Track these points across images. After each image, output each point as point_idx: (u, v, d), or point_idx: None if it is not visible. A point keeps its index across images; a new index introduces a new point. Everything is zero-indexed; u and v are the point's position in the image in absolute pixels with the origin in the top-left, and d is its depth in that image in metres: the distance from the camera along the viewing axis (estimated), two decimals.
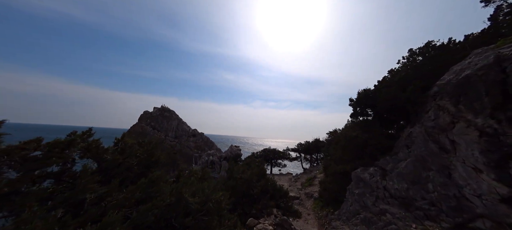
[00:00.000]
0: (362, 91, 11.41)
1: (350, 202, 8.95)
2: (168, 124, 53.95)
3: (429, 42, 8.41)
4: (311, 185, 18.74)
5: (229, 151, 39.58)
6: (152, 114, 53.11)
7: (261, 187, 9.01)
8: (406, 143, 8.08)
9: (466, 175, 5.60)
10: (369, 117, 12.44)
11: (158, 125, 52.29)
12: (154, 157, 5.24)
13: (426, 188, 6.49)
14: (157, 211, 3.91)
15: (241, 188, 8.98)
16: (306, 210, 13.69)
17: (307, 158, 34.73)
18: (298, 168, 36.40)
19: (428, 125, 6.72)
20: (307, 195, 16.67)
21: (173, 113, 55.57)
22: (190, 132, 57.87)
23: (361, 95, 11.67)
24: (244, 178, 9.36)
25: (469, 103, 5.44)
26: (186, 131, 56.92)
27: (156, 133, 51.89)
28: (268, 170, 33.58)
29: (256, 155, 34.70)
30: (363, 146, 10.24)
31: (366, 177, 8.56)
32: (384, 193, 7.77)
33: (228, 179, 9.88)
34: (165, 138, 52.39)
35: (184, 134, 56.20)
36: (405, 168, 7.28)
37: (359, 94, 11.76)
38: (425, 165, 6.67)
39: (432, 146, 6.55)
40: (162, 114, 53.41)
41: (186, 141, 54.98)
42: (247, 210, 8.60)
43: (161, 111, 53.82)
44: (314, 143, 33.08)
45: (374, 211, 7.60)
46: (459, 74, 5.64)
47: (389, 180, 7.82)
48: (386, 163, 8.49)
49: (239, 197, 9.14)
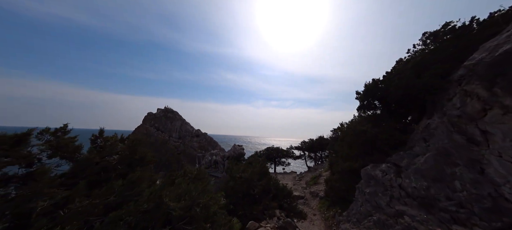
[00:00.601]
0: (370, 82, 10.42)
1: (360, 202, 8.03)
2: (171, 125, 53.78)
3: (447, 24, 7.40)
4: (316, 183, 17.80)
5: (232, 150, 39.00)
6: (155, 116, 53.06)
7: (262, 187, 8.19)
8: (423, 136, 7.10)
9: (505, 170, 4.64)
10: (378, 111, 11.44)
11: (162, 126, 52.18)
12: (138, 154, 4.51)
13: (452, 186, 5.53)
14: (132, 219, 3.10)
15: (241, 188, 8.19)
16: (311, 210, 12.79)
17: (311, 156, 33.70)
18: (302, 167, 35.44)
19: (453, 114, 5.75)
20: (312, 194, 15.75)
21: (176, 114, 55.39)
22: (194, 132, 57.58)
23: (370, 86, 10.68)
24: (244, 178, 8.57)
25: (508, 85, 4.48)
26: (189, 131, 56.66)
27: (160, 134, 51.81)
28: (272, 169, 32.76)
29: (259, 154, 33.93)
30: (372, 141, 9.28)
31: (378, 175, 7.62)
32: (399, 192, 6.82)
33: (229, 179, 9.11)
34: (169, 138, 52.23)
35: (187, 134, 55.95)
36: (425, 164, 6.32)
37: (367, 86, 10.78)
38: (449, 159, 5.71)
39: (457, 138, 5.58)
40: (165, 115, 53.30)
41: (189, 142, 54.71)
42: (247, 212, 7.80)
43: (165, 112, 53.70)
44: (318, 141, 32.03)
45: (389, 212, 6.66)
46: (495, 50, 4.68)
47: (405, 177, 6.87)
48: (400, 159, 7.53)
49: (239, 198, 8.35)
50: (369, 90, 10.44)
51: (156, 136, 50.32)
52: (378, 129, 9.38)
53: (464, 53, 6.13)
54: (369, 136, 9.32)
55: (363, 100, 11.39)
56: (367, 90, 10.62)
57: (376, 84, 10.09)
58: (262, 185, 8.25)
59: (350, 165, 9.49)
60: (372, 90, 10.33)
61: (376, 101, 11.11)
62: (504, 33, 4.84)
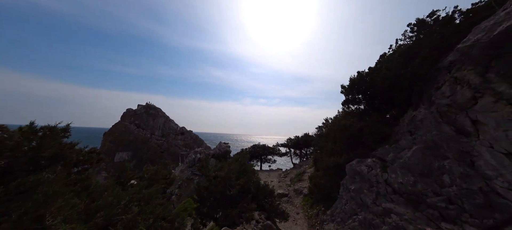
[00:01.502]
0: (355, 75, 9.96)
1: (345, 200, 7.46)
2: (154, 122, 50.48)
3: (434, 12, 7.06)
4: (301, 180, 17.32)
5: (217, 148, 37.52)
6: (136, 112, 49.34)
7: (240, 187, 7.20)
8: (409, 128, 6.68)
9: (497, 162, 4.21)
10: (362, 106, 11.09)
11: (143, 123, 48.70)
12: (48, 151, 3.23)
13: (441, 181, 5.07)
14: None
15: (216, 189, 7.13)
16: (295, 209, 12.13)
17: (296, 153, 33.59)
18: (288, 164, 35.27)
19: (442, 103, 5.28)
20: (296, 192, 15.18)
21: (159, 110, 52.11)
22: (178, 130, 54.75)
23: (355, 80, 10.22)
24: (220, 177, 7.51)
25: (503, 69, 4.01)
26: (173, 129, 53.74)
27: (141, 131, 48.32)
28: (258, 166, 32.03)
29: (245, 151, 32.97)
30: (357, 135, 8.79)
31: (363, 170, 7.09)
32: (386, 188, 6.31)
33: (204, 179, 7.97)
34: (151, 136, 48.96)
35: (171, 132, 53.00)
36: (411, 158, 5.85)
37: (353, 79, 10.31)
38: (438, 152, 5.25)
39: (446, 129, 5.13)
40: (147, 111, 49.82)
41: (173, 140, 51.87)
42: (222, 216, 6.78)
43: (146, 109, 50.19)
44: (304, 138, 31.96)
45: (375, 211, 6.11)
46: (492, 30, 4.20)
47: (391, 172, 6.38)
48: (386, 153, 7.07)
49: (214, 200, 7.28)
50: (355, 84, 9.98)
51: (136, 133, 46.81)
52: (363, 123, 8.92)
53: (453, 40, 5.73)
54: (354, 130, 8.82)
55: (348, 94, 10.93)
56: (352, 83, 10.15)
57: (361, 77, 9.64)
58: (240, 184, 7.26)
59: (334, 161, 8.93)
60: (357, 83, 9.87)
61: (360, 95, 10.72)
62: (501, 11, 4.43)
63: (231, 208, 6.98)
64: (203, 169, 7.63)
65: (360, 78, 9.64)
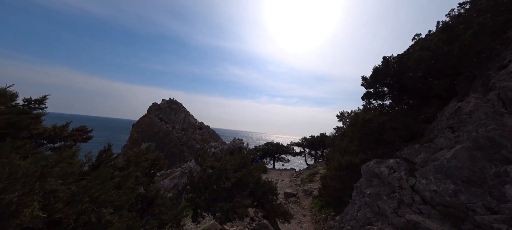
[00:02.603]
0: (380, 63, 8.30)
1: (358, 206, 6.14)
2: (175, 116, 53.29)
3: None
4: (312, 181, 15.87)
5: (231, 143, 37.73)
6: (160, 106, 52.76)
7: (236, 180, 6.47)
8: (451, 123, 5.07)
9: None
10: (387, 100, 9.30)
11: (165, 117, 51.80)
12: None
13: (497, 192, 3.55)
14: None
15: (209, 181, 6.53)
16: (302, 210, 10.96)
17: (311, 153, 31.61)
18: (303, 164, 33.50)
19: (507, 86, 3.71)
20: (305, 192, 13.88)
21: (180, 105, 54.85)
22: (197, 124, 56.87)
23: (379, 68, 8.56)
24: (216, 168, 6.90)
25: None
26: (192, 123, 56.01)
27: (163, 124, 51.47)
28: (270, 164, 31.07)
29: (258, 148, 32.30)
30: (378, 131, 7.27)
31: (383, 172, 5.68)
32: (412, 197, 4.88)
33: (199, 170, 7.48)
34: (173, 129, 51.75)
35: (190, 126, 55.32)
36: (453, 160, 4.34)
37: (376, 69, 8.65)
38: (496, 153, 3.72)
39: (510, 122, 3.58)
40: (169, 106, 52.86)
41: (192, 134, 54.04)
42: (213, 210, 6.15)
43: (169, 103, 53.27)
44: (320, 138, 29.86)
45: (396, 222, 4.75)
46: None
47: (421, 177, 4.91)
48: (415, 154, 5.54)
49: (207, 193, 6.69)
50: (379, 73, 8.33)
51: (159, 126, 50.02)
52: (387, 116, 7.34)
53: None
54: (375, 125, 7.32)
55: (370, 86, 9.29)
56: (375, 73, 8.51)
57: (387, 64, 7.98)
58: (237, 177, 6.53)
59: (348, 160, 7.56)
60: (382, 72, 8.22)
61: (385, 87, 8.97)
62: None
63: (225, 202, 6.31)
64: (200, 158, 7.12)
65: (385, 65, 7.99)
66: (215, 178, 6.55)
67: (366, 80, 9.89)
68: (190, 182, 6.39)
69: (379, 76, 8.61)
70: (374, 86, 9.31)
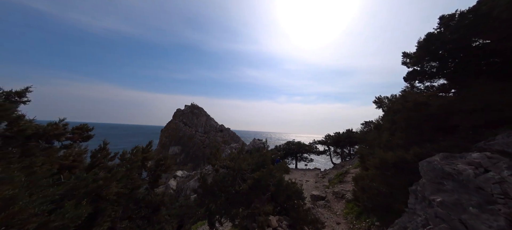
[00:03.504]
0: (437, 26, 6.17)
1: (423, 218, 4.37)
2: (197, 120, 55.33)
3: None
4: (342, 181, 13.78)
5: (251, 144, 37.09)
6: (183, 112, 55.46)
7: (254, 181, 5.36)
8: None
9: None
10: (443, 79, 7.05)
11: (189, 121, 54.16)
12: None
13: None
14: None
15: (223, 183, 5.55)
16: (334, 217, 9.23)
17: (337, 152, 28.70)
18: (327, 163, 30.72)
19: None
20: (336, 195, 11.97)
21: (201, 110, 56.80)
22: (218, 127, 58.06)
23: (434, 35, 6.45)
24: (230, 167, 5.90)
25: None
26: (214, 126, 57.36)
27: (187, 129, 53.86)
28: (293, 164, 29.22)
29: (279, 148, 30.77)
30: (442, 117, 5.31)
31: (466, 172, 3.86)
32: None
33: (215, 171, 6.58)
34: (196, 133, 53.74)
35: (212, 129, 56.73)
36: None
37: (431, 35, 6.52)
38: None
39: None
40: (192, 111, 55.15)
41: (214, 136, 55.25)
42: (225, 217, 5.12)
43: (191, 109, 55.61)
44: (346, 135, 26.89)
45: None
46: None
47: None
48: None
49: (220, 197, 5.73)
50: (433, 41, 6.22)
51: (184, 130, 52.47)
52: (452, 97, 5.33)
53: None
54: (435, 109, 5.38)
55: (418, 61, 7.20)
56: (428, 42, 6.40)
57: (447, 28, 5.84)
58: (254, 178, 5.41)
59: (397, 156, 5.74)
60: (439, 40, 6.09)
61: (442, 61, 6.74)
62: None
63: (242, 208, 5.23)
64: (212, 157, 6.22)
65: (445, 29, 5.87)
66: (230, 180, 5.54)
67: (410, 57, 7.79)
68: (202, 184, 5.52)
69: (432, 47, 6.51)
70: (422, 61, 7.18)
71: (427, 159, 4.90)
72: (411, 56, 7.75)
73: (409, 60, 7.74)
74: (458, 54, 6.18)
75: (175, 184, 25.38)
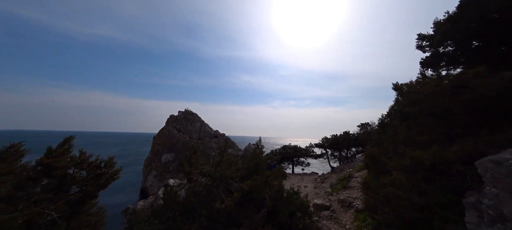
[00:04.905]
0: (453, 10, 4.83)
1: None
2: (191, 127, 52.82)
3: None
4: (347, 187, 12.08)
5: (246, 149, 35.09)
6: (177, 118, 52.93)
7: (242, 194, 3.56)
8: None
9: None
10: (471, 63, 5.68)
11: (182, 128, 51.56)
12: None
13: None
14: None
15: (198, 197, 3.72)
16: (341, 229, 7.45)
17: (335, 155, 27.19)
18: (325, 167, 29.05)
19: None
20: (342, 204, 10.22)
21: (196, 115, 54.50)
22: (212, 133, 55.65)
23: (459, 13, 5.10)
24: (212, 176, 4.10)
25: None
26: (208, 132, 54.92)
27: (181, 135, 51.10)
28: (289, 169, 27.36)
29: (275, 152, 28.94)
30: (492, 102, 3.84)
31: None
32: None
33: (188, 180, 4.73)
34: (189, 139, 51.02)
35: (206, 135, 54.25)
36: None
37: (455, 14, 5.18)
38: None
39: None
40: (185, 117, 52.73)
41: (208, 142, 52.68)
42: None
43: (185, 114, 53.23)
44: (344, 137, 25.53)
45: None
46: None
47: None
48: None
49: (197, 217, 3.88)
50: (461, 18, 4.86)
51: (177, 137, 49.71)
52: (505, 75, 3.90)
53: None
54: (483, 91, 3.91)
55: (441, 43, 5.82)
56: (455, 18, 5.03)
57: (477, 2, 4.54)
58: (243, 189, 3.60)
59: (437, 155, 4.16)
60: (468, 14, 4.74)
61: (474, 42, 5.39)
62: None
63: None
64: (186, 164, 4.35)
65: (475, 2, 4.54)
66: (209, 195, 3.72)
67: (426, 39, 6.46)
68: (165, 205, 3.54)
69: (460, 26, 5.14)
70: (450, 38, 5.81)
71: (491, 158, 3.33)
72: (427, 38, 6.42)
73: (429, 42, 6.39)
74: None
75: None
